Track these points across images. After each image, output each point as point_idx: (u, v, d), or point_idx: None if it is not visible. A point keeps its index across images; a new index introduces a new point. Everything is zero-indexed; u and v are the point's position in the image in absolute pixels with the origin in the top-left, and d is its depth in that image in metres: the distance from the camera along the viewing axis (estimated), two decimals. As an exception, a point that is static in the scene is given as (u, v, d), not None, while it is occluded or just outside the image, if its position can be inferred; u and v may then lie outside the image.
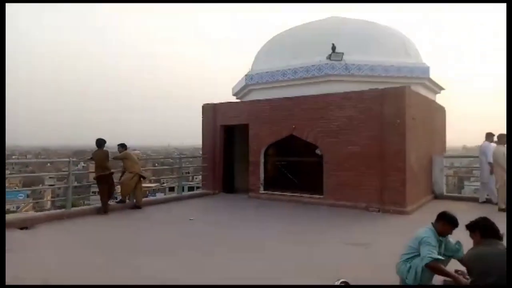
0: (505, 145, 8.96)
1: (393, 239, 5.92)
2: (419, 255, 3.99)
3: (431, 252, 3.84)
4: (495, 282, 2.82)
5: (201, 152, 12.43)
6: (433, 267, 3.75)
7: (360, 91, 9.17)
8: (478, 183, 10.38)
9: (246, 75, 11.57)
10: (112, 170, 8.86)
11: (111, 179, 8.68)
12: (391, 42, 10.77)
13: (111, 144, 9.69)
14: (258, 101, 10.75)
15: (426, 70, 10.30)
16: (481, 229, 3.11)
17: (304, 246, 5.85)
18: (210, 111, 11.54)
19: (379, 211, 8.57)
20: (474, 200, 10.13)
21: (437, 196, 10.41)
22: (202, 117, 11.76)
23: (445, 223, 4.11)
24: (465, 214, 7.81)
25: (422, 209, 8.86)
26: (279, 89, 10.80)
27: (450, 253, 4.24)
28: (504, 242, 3.29)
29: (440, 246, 4.15)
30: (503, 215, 8.11)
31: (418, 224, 4.34)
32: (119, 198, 9.36)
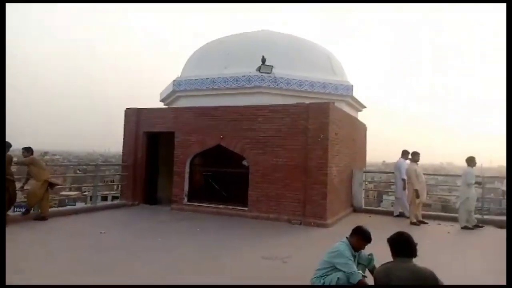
0: (418, 163, 9.62)
1: (312, 252, 5.92)
2: (334, 269, 3.98)
3: (355, 269, 3.94)
4: None
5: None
6: (363, 284, 3.81)
7: (287, 104, 9.29)
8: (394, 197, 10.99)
9: (174, 80, 11.16)
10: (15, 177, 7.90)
11: (12, 187, 7.70)
12: (319, 59, 11.13)
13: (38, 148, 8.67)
14: (186, 108, 10.39)
15: (349, 88, 10.78)
16: (394, 247, 3.17)
17: (221, 262, 5.61)
18: (133, 116, 10.89)
19: (301, 223, 8.65)
20: (390, 213, 10.71)
21: (356, 209, 10.84)
22: (124, 122, 11.05)
23: (360, 238, 4.16)
24: (380, 227, 8.22)
25: (342, 222, 9.13)
26: (208, 98, 10.56)
27: (364, 263, 4.35)
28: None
29: (354, 261, 4.19)
30: (415, 228, 8.70)
31: (338, 237, 4.36)
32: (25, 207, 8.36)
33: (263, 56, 9.87)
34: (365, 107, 12.60)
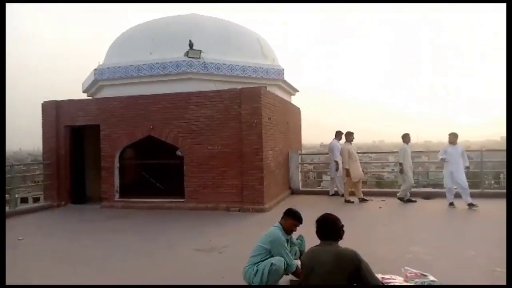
0: (352, 142, 9.83)
1: (249, 239, 5.75)
2: (268, 255, 3.88)
3: (291, 258, 3.91)
4: (318, 280, 2.84)
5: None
6: (299, 273, 3.73)
7: (219, 90, 9.03)
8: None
9: (95, 69, 10.33)
10: None
11: None
12: (249, 43, 10.92)
13: None
14: (110, 98, 9.66)
15: (281, 72, 10.73)
16: (319, 230, 3.09)
17: (152, 259, 5.27)
18: (52, 109, 9.92)
19: (239, 210, 8.53)
20: (326, 193, 10.98)
21: (294, 191, 10.97)
22: (42, 117, 10.06)
23: (291, 220, 4.09)
24: (315, 207, 8.37)
25: (280, 205, 9.14)
26: (134, 86, 9.92)
27: (297, 245, 4.35)
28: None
29: (287, 244, 4.12)
30: (349, 205, 9.00)
31: (276, 221, 4.25)
32: None
33: (190, 41, 9.44)
34: (297, 90, 12.70)
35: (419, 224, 7.21)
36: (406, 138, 9.46)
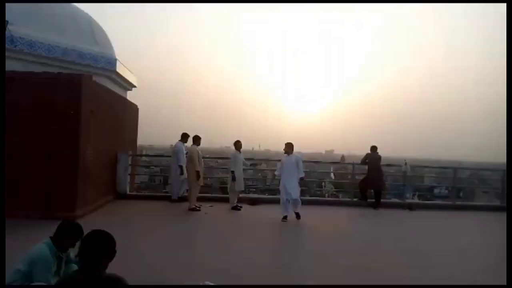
0: (199, 145, 9.31)
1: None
2: (28, 282, 3.05)
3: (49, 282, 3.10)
4: None
5: None
6: None
7: (28, 72, 7.54)
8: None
9: None
10: None
11: None
12: (77, 24, 9.54)
13: None
14: None
15: (113, 62, 9.65)
16: (80, 254, 2.33)
17: None
18: None
19: (44, 218, 7.14)
20: (156, 198, 10.34)
21: (121, 196, 9.94)
22: None
23: (65, 235, 3.34)
24: (136, 215, 7.65)
25: (99, 212, 8.13)
26: None
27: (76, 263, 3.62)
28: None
29: (60, 264, 3.35)
30: (182, 213, 8.51)
31: (90, 229, 3.37)
32: None
33: (-9, 7, 7.59)
34: (134, 86, 11.75)
35: (235, 232, 7.23)
36: (237, 145, 9.52)
